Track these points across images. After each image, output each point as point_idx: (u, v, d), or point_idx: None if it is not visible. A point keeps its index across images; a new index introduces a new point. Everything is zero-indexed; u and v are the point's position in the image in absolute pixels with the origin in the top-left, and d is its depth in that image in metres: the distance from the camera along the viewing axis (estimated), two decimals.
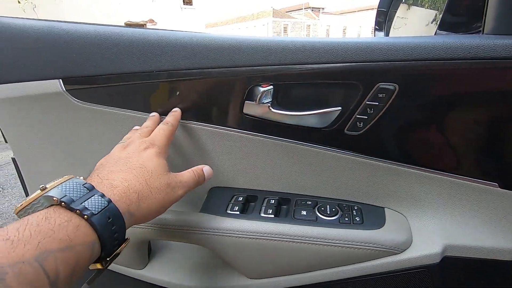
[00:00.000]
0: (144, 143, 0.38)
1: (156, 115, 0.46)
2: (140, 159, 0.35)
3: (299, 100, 0.42)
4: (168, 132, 0.41)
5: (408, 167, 0.42)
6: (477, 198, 0.41)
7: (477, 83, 0.36)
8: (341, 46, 0.37)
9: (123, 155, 0.36)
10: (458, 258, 0.42)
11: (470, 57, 0.34)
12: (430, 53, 0.35)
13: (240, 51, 0.40)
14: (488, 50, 0.33)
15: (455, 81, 0.36)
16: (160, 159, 0.36)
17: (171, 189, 0.35)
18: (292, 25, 30.76)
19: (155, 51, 0.42)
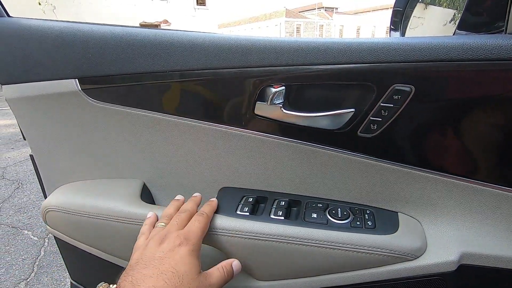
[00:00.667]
0: (178, 238, 0.39)
1: (198, 197, 0.48)
2: (172, 261, 0.36)
3: (311, 101, 0.41)
4: (203, 224, 0.42)
5: (423, 171, 0.41)
6: (496, 205, 0.40)
7: (498, 85, 0.34)
8: (355, 46, 0.36)
9: (158, 255, 0.37)
10: (475, 267, 0.40)
11: (492, 58, 0.32)
12: (448, 53, 0.33)
13: (252, 52, 0.40)
14: (511, 50, 0.32)
15: (474, 83, 0.35)
16: (192, 259, 0.37)
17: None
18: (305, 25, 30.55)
19: (168, 51, 0.42)
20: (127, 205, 0.49)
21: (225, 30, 33.41)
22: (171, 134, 0.48)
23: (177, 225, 0.41)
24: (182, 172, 0.52)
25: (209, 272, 0.39)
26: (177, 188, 0.54)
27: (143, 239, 0.42)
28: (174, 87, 0.45)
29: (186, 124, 0.47)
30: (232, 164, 0.48)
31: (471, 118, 0.37)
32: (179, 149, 0.49)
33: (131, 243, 0.42)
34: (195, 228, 0.41)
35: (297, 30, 29.84)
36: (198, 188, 0.52)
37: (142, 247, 0.39)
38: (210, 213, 0.44)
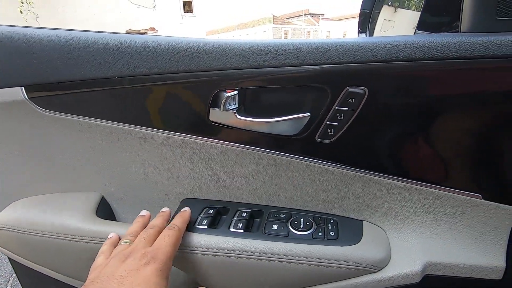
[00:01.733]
0: (145, 256, 0.34)
1: (167, 212, 0.44)
2: (135, 281, 0.31)
3: (266, 106, 0.39)
4: (174, 239, 0.37)
5: (385, 177, 0.39)
6: (460, 211, 0.38)
7: (453, 85, 0.33)
8: (305, 47, 0.35)
9: (118, 273, 0.32)
10: (440, 277, 0.38)
11: (443, 57, 0.31)
12: (399, 53, 0.32)
13: (202, 55, 0.38)
14: (462, 48, 0.31)
15: (428, 83, 0.33)
16: (159, 279, 0.33)
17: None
18: (293, 31, 30.95)
19: (115, 56, 0.40)
20: (81, 222, 0.46)
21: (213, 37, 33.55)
22: (127, 144, 0.46)
23: (144, 241, 0.37)
24: (141, 183, 0.49)
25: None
26: (137, 201, 0.51)
27: (102, 258, 0.38)
28: (124, 93, 0.42)
29: (141, 133, 0.44)
30: (192, 174, 0.46)
31: (429, 120, 0.35)
32: (136, 160, 0.47)
33: (86, 262, 0.39)
34: (165, 244, 0.36)
35: (285, 36, 30.18)
36: (159, 200, 0.50)
37: (101, 266, 0.35)
38: (182, 226, 0.40)
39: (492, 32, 0.31)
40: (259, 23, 31.48)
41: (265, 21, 31.02)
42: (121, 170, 0.48)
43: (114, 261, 0.35)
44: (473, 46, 0.30)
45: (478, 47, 0.30)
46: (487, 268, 0.38)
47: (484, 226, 0.38)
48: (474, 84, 0.32)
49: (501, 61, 0.30)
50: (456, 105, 0.34)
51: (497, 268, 0.38)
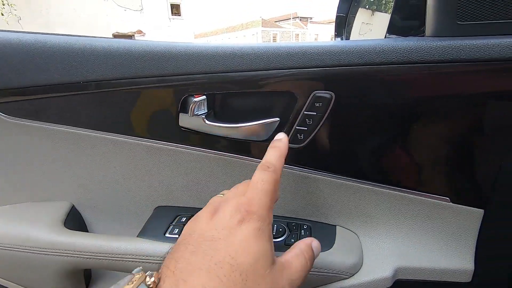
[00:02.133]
0: (237, 211, 0.26)
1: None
2: (230, 247, 0.24)
3: (235, 111, 0.39)
4: (271, 185, 0.28)
5: (355, 182, 0.39)
6: (430, 214, 0.38)
7: (417, 90, 0.33)
8: (271, 51, 0.34)
9: (209, 233, 0.25)
10: (411, 282, 0.38)
11: (406, 61, 0.31)
12: (362, 57, 0.32)
13: (169, 59, 0.37)
14: (424, 53, 0.31)
15: (392, 87, 0.33)
16: (261, 240, 0.25)
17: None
18: (281, 34, 31.21)
19: (80, 60, 0.39)
20: (47, 233, 0.44)
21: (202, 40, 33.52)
22: (95, 151, 0.44)
23: (235, 193, 0.29)
24: (112, 191, 0.47)
25: (285, 261, 0.27)
26: (109, 209, 0.49)
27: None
28: (91, 99, 0.41)
29: (109, 139, 0.43)
30: (165, 181, 0.45)
31: (396, 124, 0.35)
32: (106, 167, 0.45)
33: (54, 276, 0.37)
34: (260, 192, 0.27)
35: (274, 39, 30.39)
36: (132, 208, 0.48)
37: (193, 220, 0.28)
38: (279, 164, 0.29)
39: (454, 37, 0.32)
40: (248, 26, 31.62)
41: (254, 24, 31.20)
42: (91, 178, 0.47)
43: (204, 213, 0.28)
44: (433, 51, 0.30)
45: (439, 52, 0.30)
46: (457, 271, 0.38)
47: (453, 229, 0.38)
48: (437, 88, 0.33)
49: (460, 65, 0.30)
50: (421, 109, 0.34)
51: (466, 271, 0.38)
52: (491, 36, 0.30)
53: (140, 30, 13.51)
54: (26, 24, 10.68)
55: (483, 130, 0.34)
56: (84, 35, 0.43)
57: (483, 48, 0.29)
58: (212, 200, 0.30)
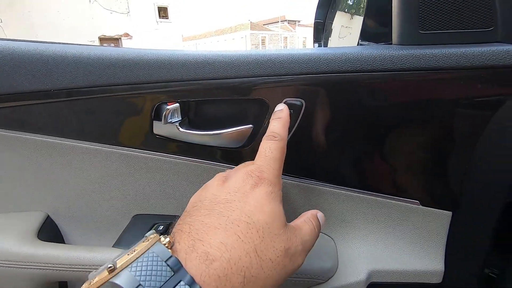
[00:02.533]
0: (250, 176, 0.27)
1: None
2: (246, 207, 0.24)
3: (209, 118, 0.39)
4: (279, 153, 0.29)
5: (330, 187, 0.39)
6: (401, 218, 0.39)
7: (382, 97, 0.34)
8: (242, 59, 0.34)
9: (222, 196, 0.26)
10: (384, 284, 0.39)
11: (370, 69, 0.32)
12: (329, 65, 0.32)
13: (141, 66, 0.37)
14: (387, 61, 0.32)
15: (360, 94, 0.34)
16: (274, 202, 0.26)
17: (289, 259, 0.24)
18: (270, 37, 31.39)
19: (50, 67, 0.38)
20: (18, 245, 0.42)
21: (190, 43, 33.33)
22: (70, 159, 0.43)
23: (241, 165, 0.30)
24: (88, 201, 0.46)
25: (295, 225, 0.27)
26: (86, 219, 0.48)
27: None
28: (63, 107, 0.40)
29: (83, 148, 0.42)
30: (141, 189, 0.44)
31: (365, 130, 0.36)
32: (81, 176, 0.44)
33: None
34: (269, 159, 0.28)
35: (262, 42, 30.54)
36: (109, 218, 0.47)
37: (200, 191, 0.28)
38: (285, 134, 0.31)
39: (416, 45, 0.33)
40: (237, 29, 31.68)
41: (242, 27, 31.27)
42: (66, 187, 0.46)
43: (214, 182, 0.28)
44: (396, 59, 0.31)
45: (401, 60, 0.31)
46: (428, 273, 0.39)
47: (423, 231, 0.39)
48: (402, 96, 0.33)
49: (421, 74, 0.31)
50: (387, 116, 0.35)
51: (437, 272, 0.39)
52: (450, 45, 0.31)
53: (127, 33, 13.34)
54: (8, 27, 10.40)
55: (446, 136, 0.35)
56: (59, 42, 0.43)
57: (441, 57, 0.30)
58: (218, 174, 0.30)
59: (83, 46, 0.40)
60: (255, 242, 0.23)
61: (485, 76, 0.30)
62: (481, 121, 0.32)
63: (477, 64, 0.30)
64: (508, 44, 0.31)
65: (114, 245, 0.42)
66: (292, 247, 0.25)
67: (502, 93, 0.32)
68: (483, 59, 0.29)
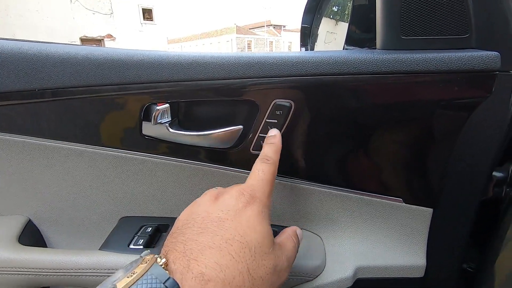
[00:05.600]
0: (242, 194, 0.28)
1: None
2: (239, 227, 0.25)
3: (198, 119, 0.39)
4: (270, 175, 0.31)
5: (318, 186, 0.40)
6: (385, 215, 0.41)
7: (367, 99, 0.35)
8: (232, 61, 0.35)
9: (215, 214, 0.26)
10: (370, 280, 0.40)
11: (356, 72, 0.33)
12: (318, 67, 0.34)
13: (130, 66, 0.37)
14: (372, 65, 0.33)
15: (346, 96, 0.36)
16: (264, 222, 0.27)
17: (277, 275, 0.26)
18: (256, 41, 31.61)
19: (35, 67, 0.37)
20: None
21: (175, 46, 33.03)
22: (53, 161, 0.42)
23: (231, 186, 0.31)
24: (73, 203, 0.45)
25: (280, 241, 0.29)
26: (70, 222, 0.47)
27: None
28: (47, 107, 0.39)
29: (69, 149, 0.41)
30: (129, 191, 0.44)
31: (351, 131, 0.37)
32: (66, 178, 0.43)
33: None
34: (261, 180, 0.30)
35: (248, 46, 30.70)
36: (95, 220, 0.46)
37: (190, 207, 0.29)
38: (276, 157, 0.33)
39: (398, 50, 0.34)
40: (223, 32, 31.70)
41: (228, 31, 31.33)
42: (49, 190, 0.44)
43: (205, 198, 0.28)
44: (380, 63, 0.33)
45: (384, 64, 0.33)
46: (411, 267, 0.40)
47: (406, 228, 0.40)
48: (385, 98, 0.35)
49: (403, 77, 0.33)
50: (372, 117, 0.36)
51: (419, 267, 0.40)
52: (429, 50, 0.33)
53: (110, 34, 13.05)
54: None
55: (427, 136, 0.37)
56: (43, 41, 0.42)
57: (421, 61, 0.32)
58: (209, 190, 0.31)
59: (69, 45, 0.39)
60: (248, 261, 0.24)
61: (461, 80, 0.32)
62: (458, 122, 0.34)
63: (454, 69, 0.32)
64: (482, 50, 0.33)
65: (100, 248, 0.41)
66: (280, 264, 0.27)
67: (477, 95, 0.34)
68: (459, 64, 0.32)
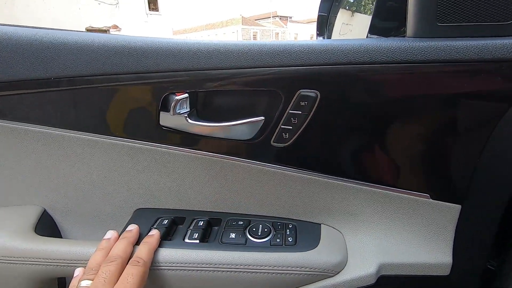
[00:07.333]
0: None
1: (133, 232, 0.38)
2: None
3: (219, 109, 0.38)
4: (139, 278, 0.32)
5: (340, 180, 0.39)
6: (411, 211, 0.39)
7: (399, 88, 0.34)
8: (256, 49, 0.33)
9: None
10: (394, 277, 0.39)
11: (389, 61, 0.32)
12: (346, 56, 0.32)
13: (148, 55, 0.35)
14: (406, 53, 0.31)
15: (376, 86, 0.34)
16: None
17: None
18: (261, 32, 31.23)
19: (51, 54, 0.37)
20: (15, 240, 0.41)
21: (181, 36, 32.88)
22: (69, 151, 0.42)
23: (104, 282, 0.31)
24: (88, 194, 0.45)
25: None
26: (85, 213, 0.47)
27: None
28: (63, 96, 0.39)
29: (84, 139, 0.41)
30: (144, 183, 0.43)
31: (378, 123, 0.36)
32: (81, 169, 0.43)
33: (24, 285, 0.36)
34: (129, 285, 0.31)
35: (254, 37, 30.35)
36: (109, 212, 0.46)
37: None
38: (149, 258, 0.35)
39: (434, 38, 0.32)
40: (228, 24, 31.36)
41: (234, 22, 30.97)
42: (65, 180, 0.44)
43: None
44: (415, 51, 0.31)
45: (420, 52, 0.31)
46: (436, 265, 0.39)
47: (432, 224, 0.39)
48: (418, 88, 0.33)
49: (440, 66, 0.31)
50: (403, 109, 0.35)
51: (445, 265, 0.39)
52: (469, 38, 0.31)
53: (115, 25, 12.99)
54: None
55: (460, 129, 0.35)
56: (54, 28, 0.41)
57: (461, 49, 0.30)
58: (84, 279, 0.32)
59: (85, 33, 0.38)
60: None
61: (505, 69, 0.30)
62: (496, 114, 0.33)
63: (498, 57, 0.30)
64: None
65: None
66: None
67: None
68: (504, 52, 0.30)
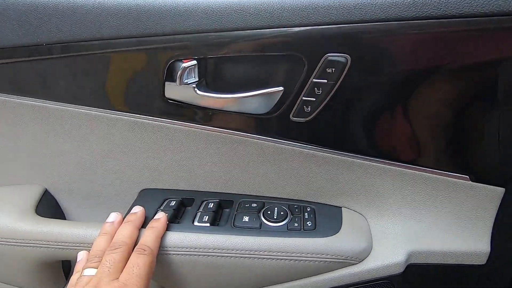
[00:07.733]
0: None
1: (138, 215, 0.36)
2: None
3: (231, 79, 0.34)
4: (146, 269, 0.30)
5: (366, 160, 0.35)
6: (446, 194, 0.35)
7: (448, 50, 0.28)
8: (275, 5, 0.29)
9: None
10: (424, 266, 0.36)
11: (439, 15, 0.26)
12: (387, 11, 0.26)
13: (150, 15, 0.32)
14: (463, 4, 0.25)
15: (419, 47, 0.28)
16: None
17: None
18: None
19: (41, 17, 0.33)
20: (15, 221, 0.40)
21: None
22: (68, 127, 0.39)
23: (109, 272, 0.29)
24: (90, 173, 0.43)
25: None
26: (88, 193, 0.45)
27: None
28: (57, 64, 0.36)
29: (83, 114, 0.38)
30: (150, 161, 0.40)
31: (418, 95, 0.31)
32: (82, 146, 0.40)
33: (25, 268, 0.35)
34: (135, 277, 0.29)
35: None
36: (114, 192, 0.44)
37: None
38: (155, 245, 0.33)
39: None
40: None
41: None
42: (65, 158, 0.42)
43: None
44: (475, 1, 0.25)
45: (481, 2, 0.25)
46: (472, 254, 0.36)
47: (470, 209, 0.35)
48: (473, 48, 0.28)
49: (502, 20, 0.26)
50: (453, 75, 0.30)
51: (482, 253, 0.36)
52: None
53: None
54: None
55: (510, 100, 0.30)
56: None
57: None
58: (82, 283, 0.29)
59: None
60: None
61: None
62: None
63: None
64: None
65: None
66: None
67: None
68: None
